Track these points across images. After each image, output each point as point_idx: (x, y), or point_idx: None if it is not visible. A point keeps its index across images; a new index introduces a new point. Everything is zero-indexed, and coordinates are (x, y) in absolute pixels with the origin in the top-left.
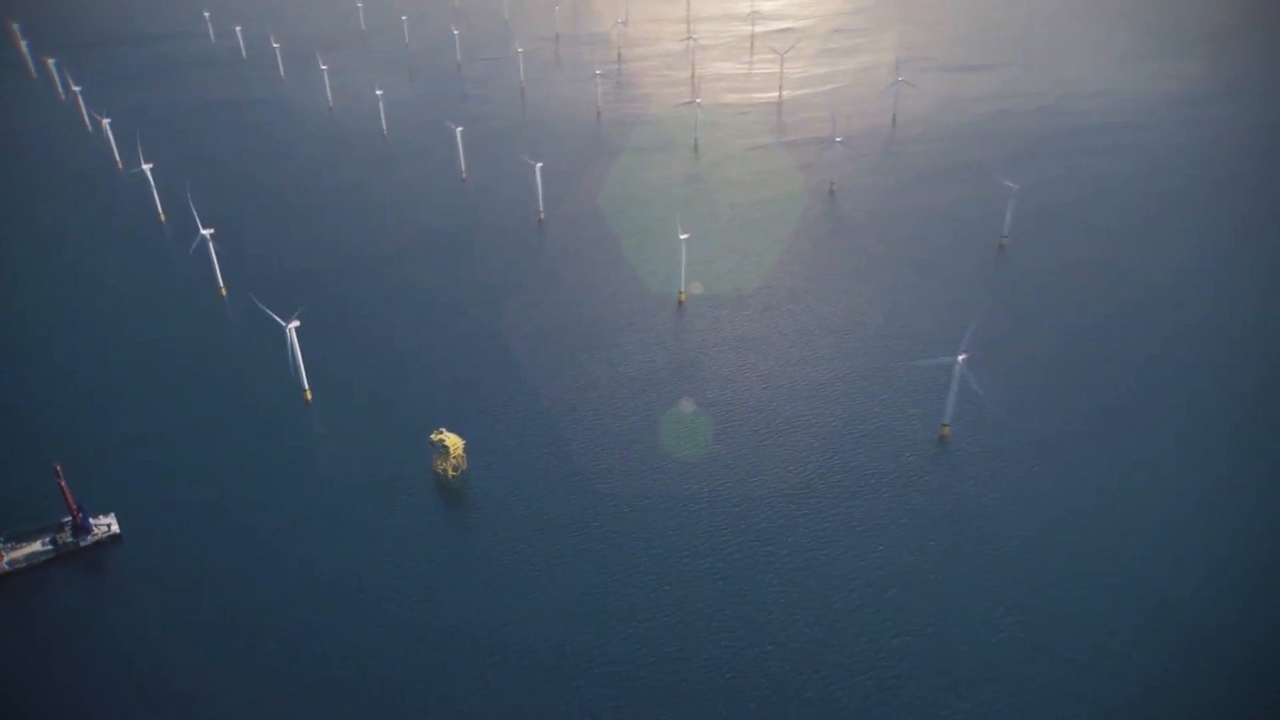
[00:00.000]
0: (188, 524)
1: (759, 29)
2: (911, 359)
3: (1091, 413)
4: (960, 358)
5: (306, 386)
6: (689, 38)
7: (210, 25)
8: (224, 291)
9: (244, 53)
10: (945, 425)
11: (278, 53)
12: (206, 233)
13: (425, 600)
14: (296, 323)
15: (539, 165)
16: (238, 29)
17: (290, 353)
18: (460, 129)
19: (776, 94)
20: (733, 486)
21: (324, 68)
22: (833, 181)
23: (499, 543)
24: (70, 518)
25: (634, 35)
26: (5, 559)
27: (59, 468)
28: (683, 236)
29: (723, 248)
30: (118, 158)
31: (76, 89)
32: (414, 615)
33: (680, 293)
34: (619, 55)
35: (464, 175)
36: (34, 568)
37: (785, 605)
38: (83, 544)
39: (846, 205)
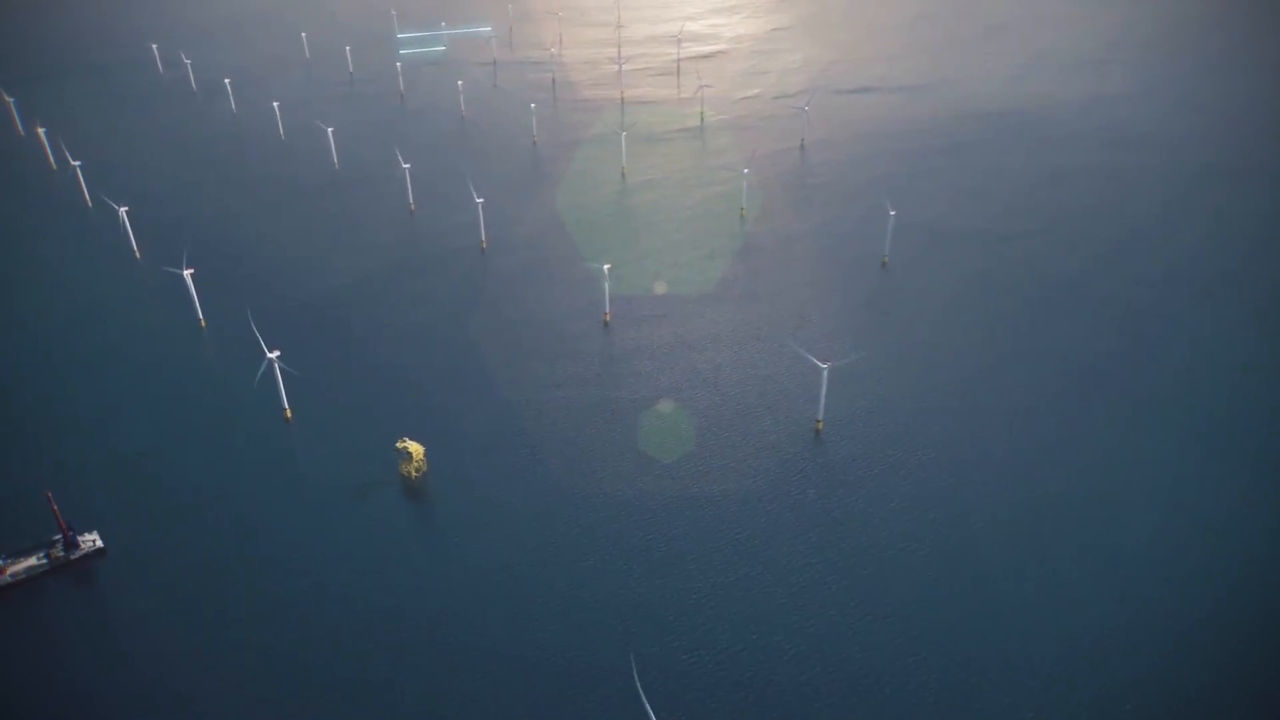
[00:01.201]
0: (169, 535)
1: (685, 53)
2: (795, 364)
3: (953, 412)
4: (825, 367)
5: (286, 406)
6: (618, 64)
7: (158, 56)
8: (204, 324)
9: (194, 84)
10: (819, 420)
11: (229, 86)
12: (188, 273)
13: (395, 585)
14: (278, 352)
15: (480, 201)
16: (187, 61)
17: (260, 373)
18: (409, 166)
19: (699, 121)
20: (646, 474)
21: (275, 104)
22: (743, 206)
23: (457, 533)
24: (61, 535)
25: (568, 60)
26: (8, 572)
27: (50, 494)
28: (605, 267)
29: (644, 269)
30: (88, 198)
31: (42, 130)
32: (385, 600)
33: (605, 313)
34: (553, 81)
35: (412, 208)
36: (32, 579)
37: (684, 576)
38: (72, 557)
39: (754, 228)
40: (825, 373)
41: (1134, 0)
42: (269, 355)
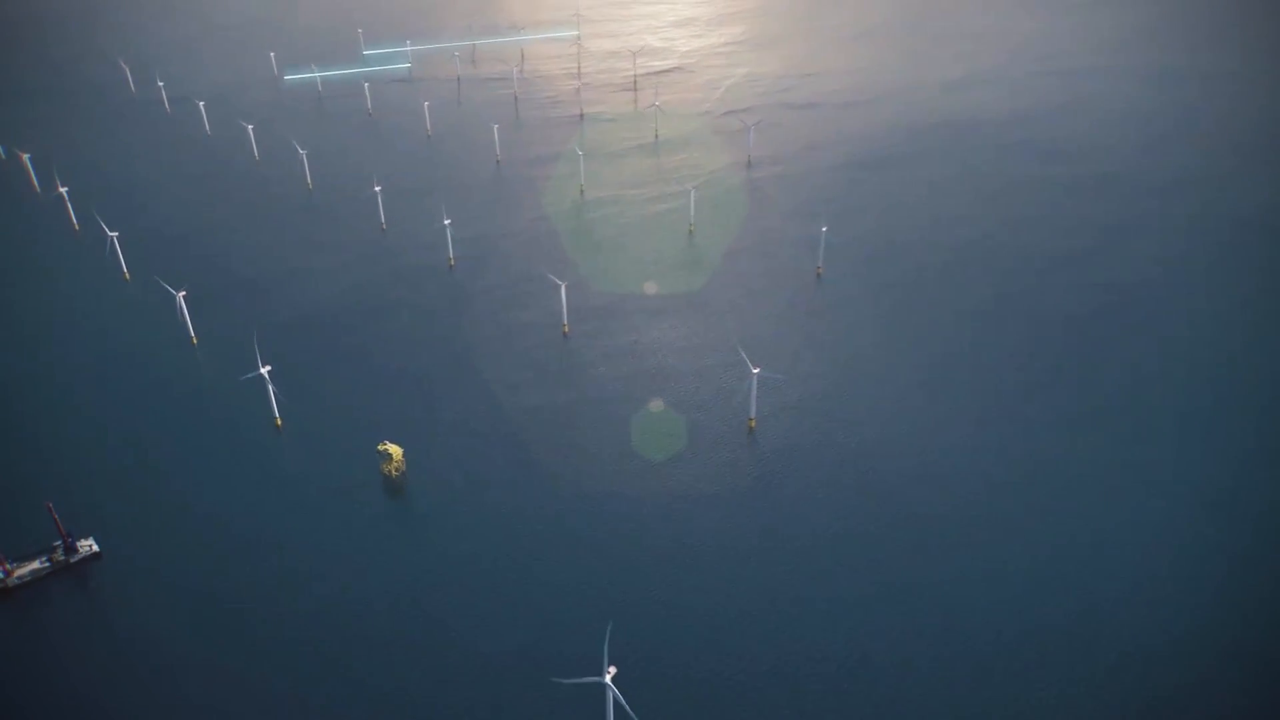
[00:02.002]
0: (163, 538)
1: (642, 69)
2: (733, 368)
3: (876, 411)
4: (755, 372)
5: (278, 416)
6: (578, 81)
7: (129, 76)
8: (195, 340)
9: (167, 106)
10: (751, 419)
11: (202, 108)
12: (180, 294)
13: (378, 573)
14: (269, 367)
15: (448, 222)
16: (160, 84)
17: (249, 376)
18: (379, 188)
19: (653, 137)
20: (602, 467)
21: (249, 126)
22: (691, 222)
23: (434, 524)
24: (61, 541)
25: (530, 76)
26: (15, 574)
27: (51, 505)
28: (563, 285)
29: (600, 283)
30: (75, 222)
31: (26, 156)
32: (368, 587)
33: (564, 325)
34: (515, 98)
35: (384, 226)
36: (37, 580)
37: (637, 555)
38: (72, 561)
39: (701, 242)
40: (755, 377)
41: (1088, 12)
42: (261, 370)
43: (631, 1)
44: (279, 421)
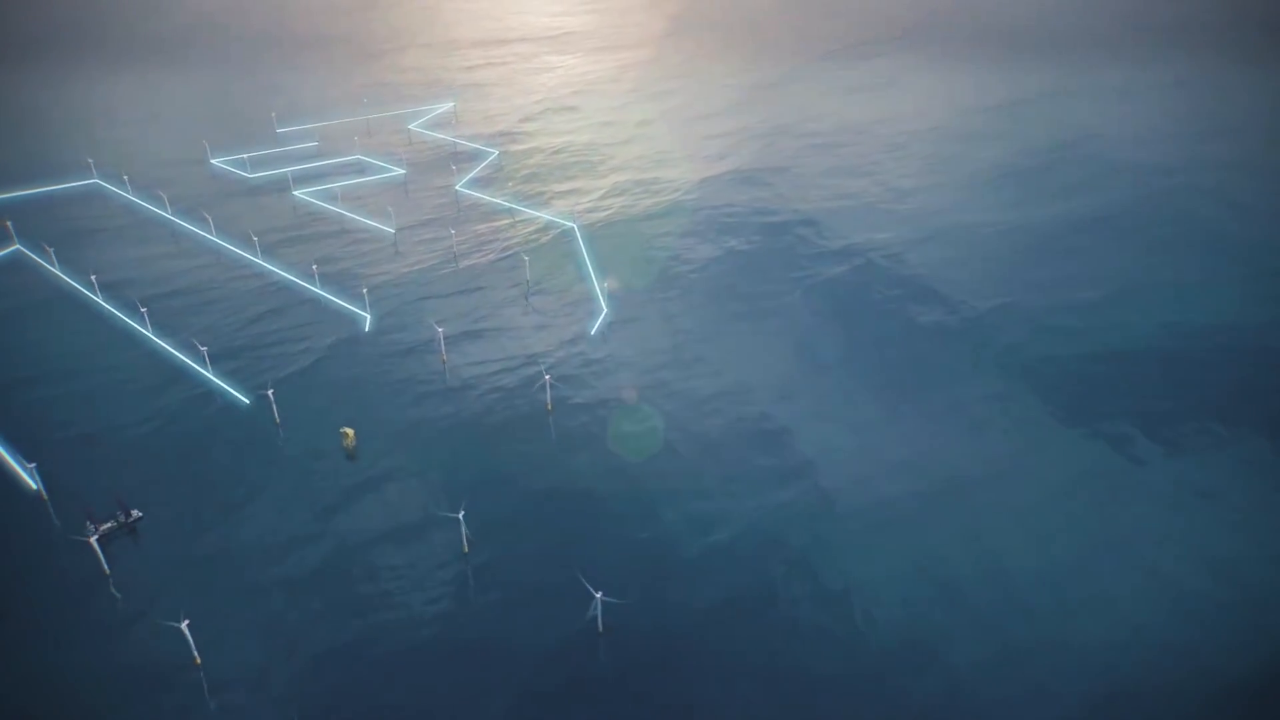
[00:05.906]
0: (189, 504)
1: (503, 145)
2: (537, 379)
3: (650, 396)
4: (547, 378)
5: (277, 417)
6: (452, 162)
7: (93, 167)
8: (209, 374)
9: (131, 192)
10: (549, 405)
11: (165, 199)
12: (203, 349)
13: (329, 515)
14: (271, 389)
15: (366, 290)
16: (125, 177)
17: (267, 394)
18: (317, 267)
19: (509, 205)
20: (465, 440)
21: (207, 218)
22: (528, 277)
23: (373, 480)
24: (122, 510)
25: (416, 150)
26: (100, 529)
27: (119, 493)
28: (440, 329)
29: (467, 323)
30: (100, 299)
31: (51, 249)
32: (316, 527)
33: (442, 357)
34: (405, 172)
35: (319, 293)
36: (111, 533)
37: (490, 494)
38: (128, 521)
39: (535, 290)
40: (548, 379)
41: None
42: (268, 393)
43: (497, 64)
44: (278, 420)
